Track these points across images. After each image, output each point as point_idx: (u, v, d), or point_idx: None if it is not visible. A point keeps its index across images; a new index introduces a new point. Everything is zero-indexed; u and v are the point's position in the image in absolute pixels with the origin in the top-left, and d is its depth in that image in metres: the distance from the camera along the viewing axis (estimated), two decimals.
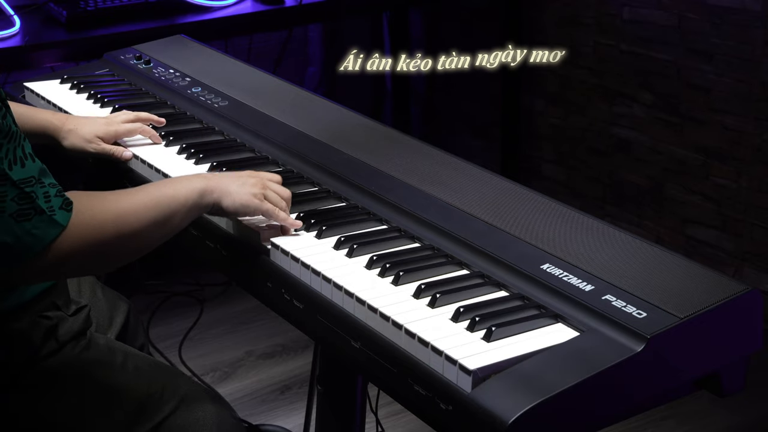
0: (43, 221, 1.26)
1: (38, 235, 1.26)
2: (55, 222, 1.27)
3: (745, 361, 1.31)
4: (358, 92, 3.96)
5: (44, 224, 1.27)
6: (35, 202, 1.26)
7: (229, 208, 1.49)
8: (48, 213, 1.27)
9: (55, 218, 1.27)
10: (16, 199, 1.25)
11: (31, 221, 1.26)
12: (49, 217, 1.27)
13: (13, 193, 1.25)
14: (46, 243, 1.27)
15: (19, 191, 1.25)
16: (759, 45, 2.87)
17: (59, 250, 1.28)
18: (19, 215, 1.25)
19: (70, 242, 1.29)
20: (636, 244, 1.40)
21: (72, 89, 2.13)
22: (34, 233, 1.26)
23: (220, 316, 3.16)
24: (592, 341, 1.23)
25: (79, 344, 1.54)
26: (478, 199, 1.54)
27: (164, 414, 1.52)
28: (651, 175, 3.23)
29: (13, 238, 1.25)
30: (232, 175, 1.53)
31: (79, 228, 1.30)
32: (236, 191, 1.49)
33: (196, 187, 1.47)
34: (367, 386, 1.81)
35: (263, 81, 2.12)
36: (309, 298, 1.41)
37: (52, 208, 1.28)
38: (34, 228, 1.26)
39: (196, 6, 2.99)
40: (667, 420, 2.61)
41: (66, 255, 1.29)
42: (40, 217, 1.26)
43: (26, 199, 1.26)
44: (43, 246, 1.27)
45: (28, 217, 1.25)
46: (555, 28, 3.47)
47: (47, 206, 1.27)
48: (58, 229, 1.28)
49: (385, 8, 3.73)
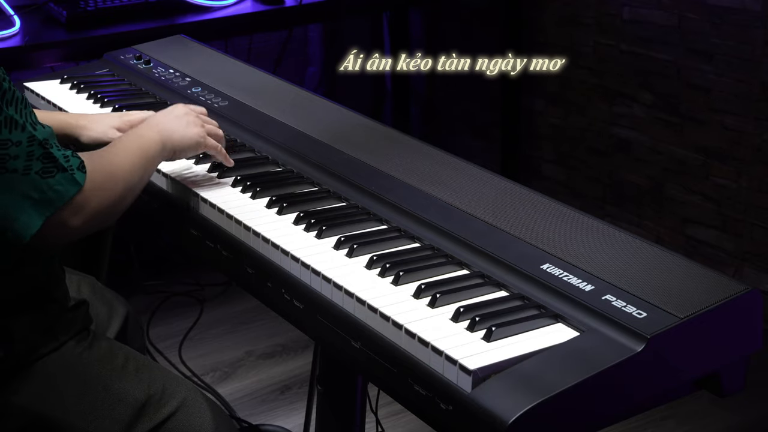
0: (65, 179, 1.37)
1: (61, 190, 1.37)
2: (74, 180, 1.38)
3: (745, 361, 1.31)
4: (358, 92, 3.96)
5: (66, 181, 1.37)
6: (57, 162, 1.37)
7: (181, 155, 1.66)
8: (69, 171, 1.38)
9: (75, 177, 1.38)
10: (42, 158, 1.36)
11: (55, 177, 1.36)
12: (70, 175, 1.38)
13: (40, 152, 1.36)
14: (67, 199, 1.37)
15: (44, 151, 1.36)
16: (759, 45, 2.86)
17: (80, 206, 1.39)
18: (44, 172, 1.36)
19: (90, 199, 1.40)
20: (636, 244, 1.40)
21: (72, 89, 2.13)
22: (58, 189, 1.36)
23: (220, 316, 3.16)
24: (592, 341, 1.23)
25: (81, 343, 1.55)
26: (478, 199, 1.54)
27: (164, 416, 1.52)
28: (651, 175, 3.23)
29: (39, 193, 1.35)
30: (172, 117, 1.67)
31: (96, 186, 1.41)
32: (185, 134, 1.65)
33: (157, 139, 1.61)
34: (367, 386, 1.81)
35: (263, 81, 2.12)
36: (309, 298, 1.41)
37: (72, 167, 1.38)
38: (57, 184, 1.36)
39: (196, 6, 2.99)
40: (667, 420, 2.61)
41: (87, 212, 1.40)
42: (63, 174, 1.37)
43: (49, 158, 1.36)
44: (65, 201, 1.37)
45: (52, 174, 1.36)
46: (555, 29, 3.47)
47: (67, 165, 1.38)
48: (78, 187, 1.38)
49: (385, 8, 3.73)
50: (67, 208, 1.37)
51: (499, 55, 3.58)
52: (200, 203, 1.64)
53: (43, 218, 1.35)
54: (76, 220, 1.39)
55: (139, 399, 1.52)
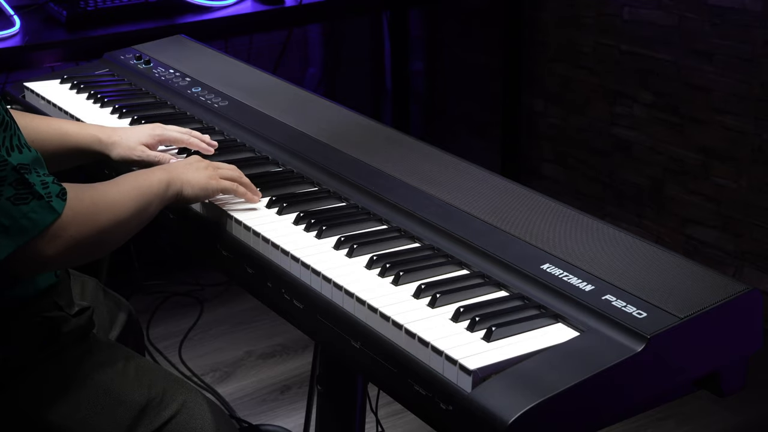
0: (41, 206, 1.30)
1: (35, 219, 1.30)
2: (51, 208, 1.31)
3: (745, 361, 1.31)
4: (358, 92, 3.97)
5: (41, 209, 1.30)
6: (33, 188, 1.30)
7: (191, 196, 1.57)
8: (46, 199, 1.31)
9: (52, 204, 1.31)
10: (14, 184, 1.29)
11: (29, 205, 1.30)
12: (46, 203, 1.31)
13: (12, 178, 1.29)
14: (42, 228, 1.31)
15: (19, 176, 1.30)
16: (759, 45, 2.87)
17: (56, 236, 1.32)
18: (16, 199, 1.29)
19: (68, 229, 1.33)
20: (636, 244, 1.40)
21: (72, 89, 2.13)
22: (32, 217, 1.30)
23: (220, 316, 3.16)
24: (592, 341, 1.23)
25: (81, 346, 1.54)
26: (478, 199, 1.54)
27: (164, 419, 1.52)
28: (651, 175, 3.23)
29: (9, 220, 1.29)
30: (183, 162, 1.61)
31: (77, 215, 1.34)
32: (193, 177, 1.57)
33: (162, 178, 1.53)
34: (367, 386, 1.81)
35: (263, 81, 2.12)
36: (309, 298, 1.41)
37: (50, 195, 1.32)
38: (31, 212, 1.30)
39: (196, 6, 2.99)
40: (667, 420, 2.61)
41: (63, 241, 1.33)
42: (38, 202, 1.30)
43: (24, 184, 1.30)
44: (39, 230, 1.31)
45: (26, 201, 1.30)
46: (555, 29, 3.47)
47: (45, 192, 1.31)
48: (54, 215, 1.31)
49: (385, 8, 3.73)
50: (41, 237, 1.31)
51: (499, 55, 3.58)
52: (199, 203, 1.63)
53: (14, 246, 1.30)
54: (51, 250, 1.33)
55: (140, 402, 1.52)
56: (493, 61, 3.67)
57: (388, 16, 3.82)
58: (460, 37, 3.81)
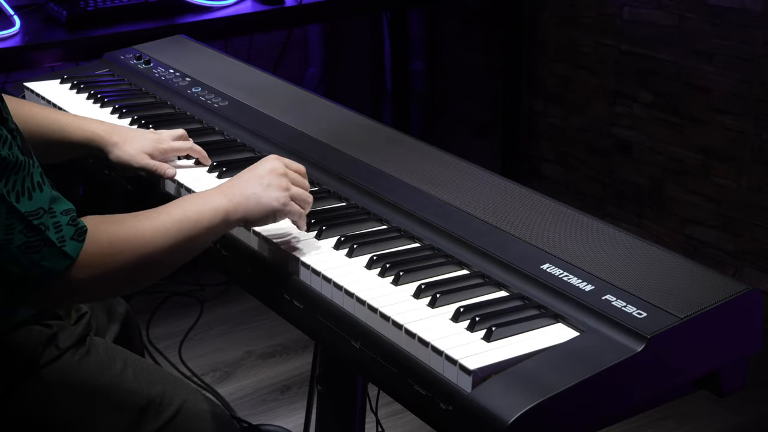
0: (53, 253, 1.24)
1: (47, 266, 1.24)
2: (65, 254, 1.25)
3: (745, 361, 1.31)
4: (358, 92, 3.97)
5: (54, 256, 1.24)
6: (44, 234, 1.24)
7: (255, 225, 1.46)
8: (58, 245, 1.24)
9: (65, 250, 1.25)
10: (25, 231, 1.23)
11: (40, 253, 1.24)
12: (59, 249, 1.24)
13: (21, 226, 1.23)
14: (56, 274, 1.25)
15: (27, 224, 1.23)
16: (759, 45, 2.87)
17: (72, 279, 1.26)
18: (26, 247, 1.23)
19: (84, 272, 1.27)
20: (636, 244, 1.40)
21: (72, 89, 2.13)
22: (44, 265, 1.24)
23: (220, 316, 3.16)
24: (592, 341, 1.23)
25: (79, 351, 1.54)
26: (478, 199, 1.54)
27: (164, 420, 1.52)
28: (651, 175, 3.23)
29: (20, 268, 1.23)
30: (254, 176, 1.45)
31: (94, 257, 1.27)
32: (260, 204, 1.42)
33: (220, 208, 1.40)
34: (367, 386, 1.81)
35: (263, 81, 2.12)
36: (309, 298, 1.41)
37: (63, 239, 1.25)
38: (43, 260, 1.24)
39: (196, 6, 2.99)
40: (667, 420, 2.61)
41: (79, 284, 1.27)
42: (49, 249, 1.24)
43: (34, 231, 1.23)
44: (54, 277, 1.25)
45: (37, 249, 1.23)
46: (555, 29, 3.47)
47: (57, 237, 1.25)
48: (68, 261, 1.25)
49: (385, 8, 3.73)
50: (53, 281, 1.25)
51: (499, 55, 3.58)
52: None
53: (27, 294, 1.27)
54: (64, 293, 1.28)
55: (139, 404, 1.51)
56: (493, 61, 3.67)
57: (388, 16, 3.82)
58: (460, 37, 3.81)
